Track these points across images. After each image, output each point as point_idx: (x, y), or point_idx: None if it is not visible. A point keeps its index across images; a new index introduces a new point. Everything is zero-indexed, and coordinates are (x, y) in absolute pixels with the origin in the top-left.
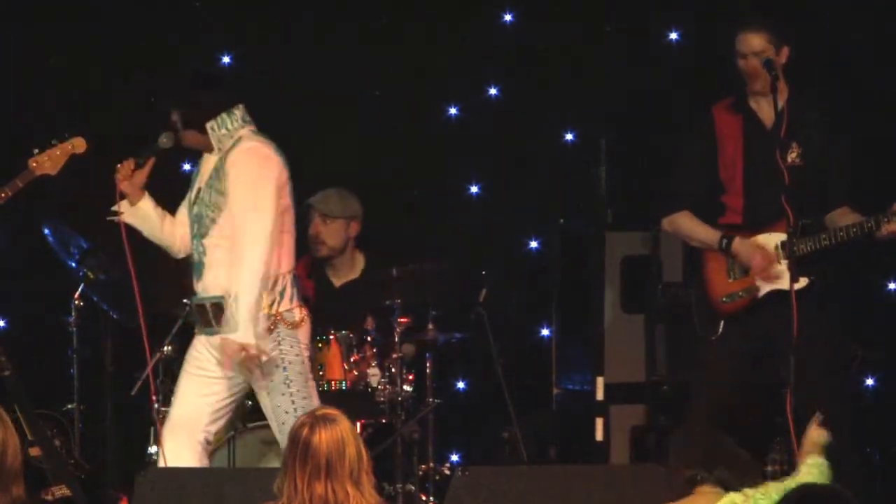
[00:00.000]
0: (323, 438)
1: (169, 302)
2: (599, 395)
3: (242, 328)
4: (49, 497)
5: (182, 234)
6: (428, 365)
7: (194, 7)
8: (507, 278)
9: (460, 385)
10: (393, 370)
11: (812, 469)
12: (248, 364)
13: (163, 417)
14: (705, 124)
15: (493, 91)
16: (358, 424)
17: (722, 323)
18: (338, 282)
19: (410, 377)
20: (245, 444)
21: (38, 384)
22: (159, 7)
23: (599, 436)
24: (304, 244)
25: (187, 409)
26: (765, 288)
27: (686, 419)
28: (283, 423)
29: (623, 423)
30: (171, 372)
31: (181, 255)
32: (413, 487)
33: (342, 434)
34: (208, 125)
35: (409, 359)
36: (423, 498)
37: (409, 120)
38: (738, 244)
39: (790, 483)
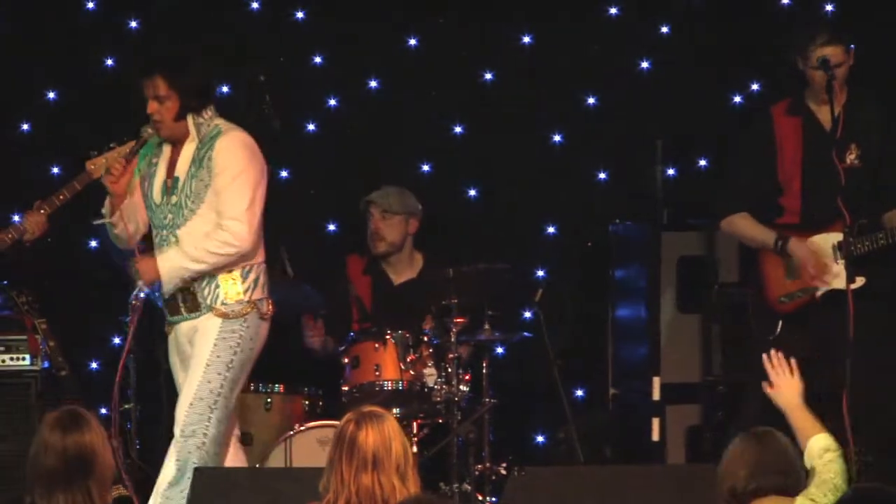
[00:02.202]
0: (370, 434)
1: None
2: (656, 395)
3: (169, 267)
4: None
5: (134, 225)
6: (484, 365)
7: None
8: (563, 279)
9: (516, 385)
10: (449, 370)
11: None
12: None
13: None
14: (764, 126)
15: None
16: (414, 424)
17: (780, 323)
18: (397, 280)
19: (467, 377)
20: (301, 443)
21: (98, 384)
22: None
23: (656, 436)
24: (363, 241)
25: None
26: (822, 288)
27: (741, 420)
28: (199, 399)
29: (679, 424)
30: None
31: (129, 247)
32: (469, 487)
33: (388, 430)
34: (190, 114)
35: (465, 359)
36: (480, 498)
37: (470, 121)
38: (794, 245)
39: (826, 477)
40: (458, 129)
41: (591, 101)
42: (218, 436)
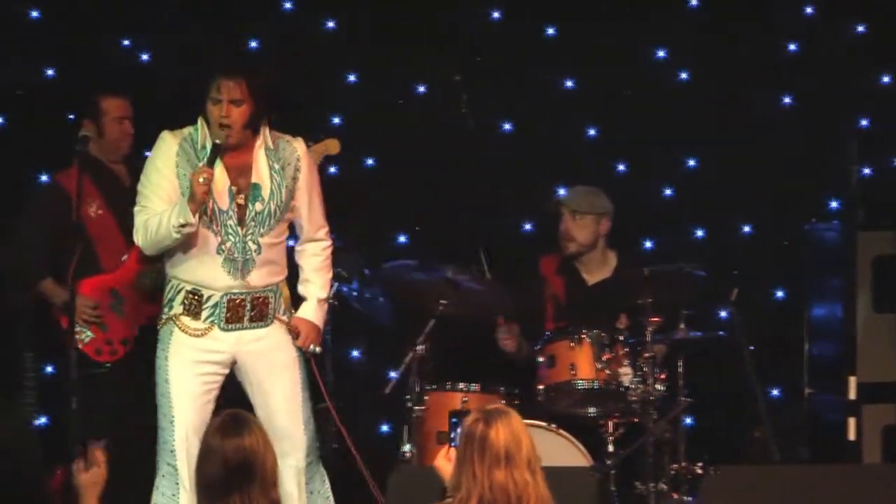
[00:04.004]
0: (500, 431)
1: None
2: (852, 395)
3: (321, 314)
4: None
5: None
6: (679, 364)
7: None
8: (759, 278)
9: (712, 385)
10: (644, 369)
11: None
12: (310, 345)
13: (416, 417)
14: None
15: None
16: (609, 423)
17: None
18: (590, 279)
19: (662, 376)
20: None
21: None
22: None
23: (851, 435)
24: (556, 241)
25: (201, 415)
26: None
27: None
28: (308, 419)
29: (875, 423)
30: (423, 371)
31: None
32: (665, 486)
33: (517, 426)
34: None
35: (660, 358)
36: (675, 497)
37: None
38: None
39: None
40: (651, 130)
41: (786, 100)
42: None
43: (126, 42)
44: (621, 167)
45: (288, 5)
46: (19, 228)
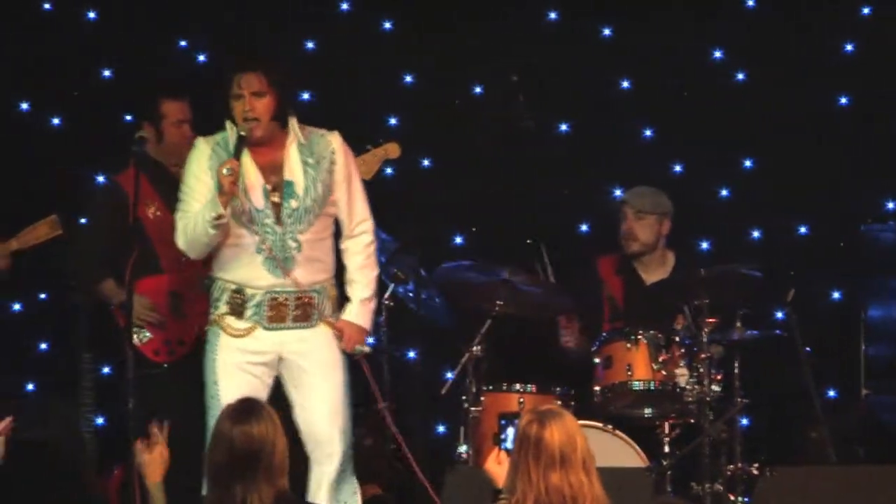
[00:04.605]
0: (555, 432)
1: None
2: None
3: (365, 314)
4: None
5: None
6: (736, 365)
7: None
8: (815, 279)
9: (768, 385)
10: (701, 370)
11: None
12: (354, 347)
13: (472, 418)
14: None
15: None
16: (665, 424)
17: None
18: (648, 279)
19: (718, 377)
20: None
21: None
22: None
23: None
24: (614, 241)
25: None
26: None
27: None
28: (335, 412)
29: None
30: (479, 372)
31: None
32: (721, 487)
33: (571, 427)
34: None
35: (717, 359)
36: (732, 498)
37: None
38: None
39: None
40: (707, 131)
41: (843, 100)
42: None
43: (183, 43)
44: (678, 168)
45: (345, 6)
46: (78, 229)
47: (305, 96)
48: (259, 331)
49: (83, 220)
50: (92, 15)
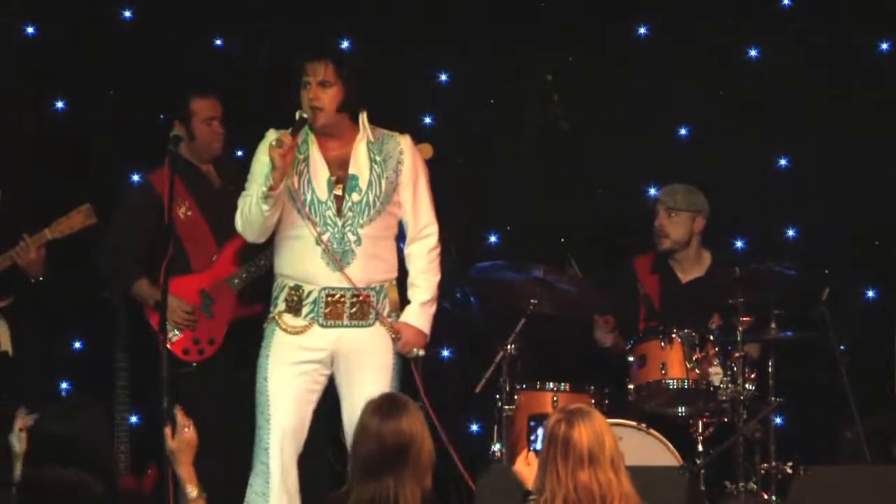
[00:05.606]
0: (583, 432)
1: None
2: None
3: (424, 318)
4: None
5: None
6: (770, 364)
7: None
8: (851, 278)
9: (803, 385)
10: (735, 369)
11: None
12: (411, 350)
13: (506, 417)
14: None
15: None
16: (699, 423)
17: None
18: (684, 278)
19: (753, 376)
20: None
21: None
22: None
23: None
24: (649, 240)
25: (300, 415)
26: None
27: None
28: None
29: None
30: (513, 370)
31: (261, 240)
32: (755, 486)
33: (599, 425)
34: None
35: (751, 358)
36: (765, 497)
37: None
38: None
39: None
40: (742, 129)
41: (878, 99)
42: None
43: (218, 42)
44: (713, 166)
45: (377, 4)
46: (113, 229)
47: None
48: (315, 328)
49: (117, 220)
50: (128, 14)
